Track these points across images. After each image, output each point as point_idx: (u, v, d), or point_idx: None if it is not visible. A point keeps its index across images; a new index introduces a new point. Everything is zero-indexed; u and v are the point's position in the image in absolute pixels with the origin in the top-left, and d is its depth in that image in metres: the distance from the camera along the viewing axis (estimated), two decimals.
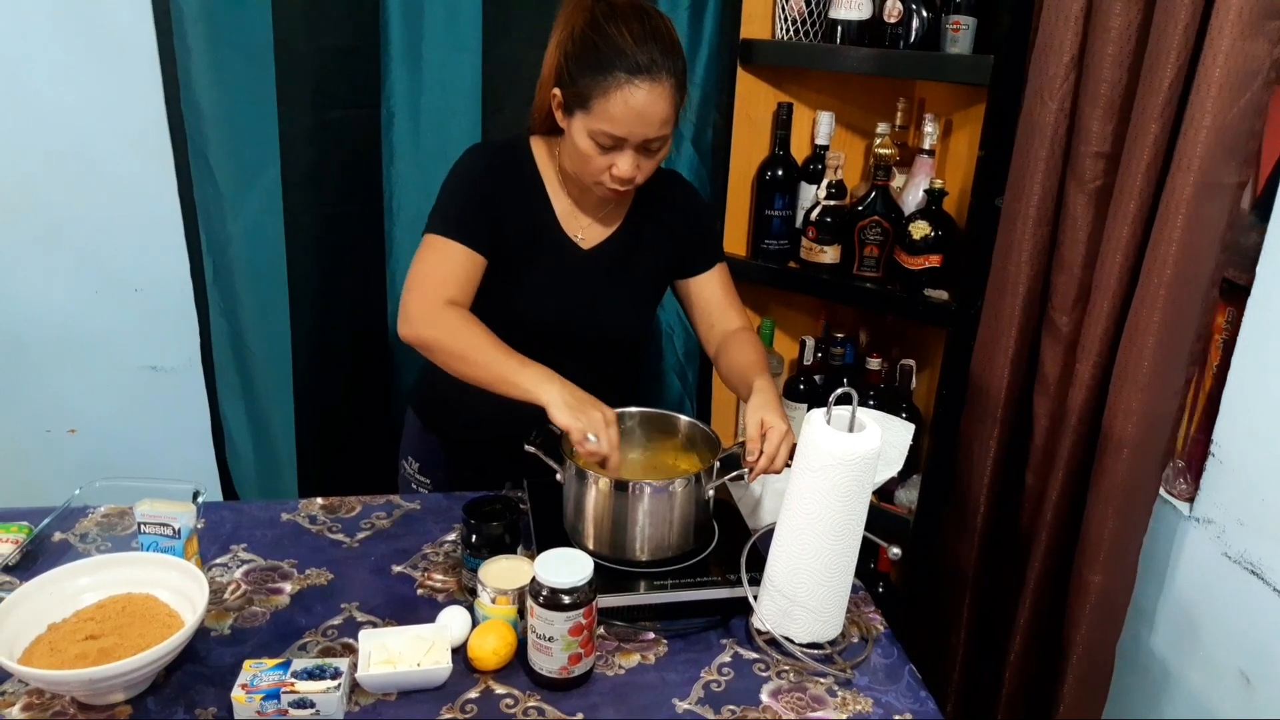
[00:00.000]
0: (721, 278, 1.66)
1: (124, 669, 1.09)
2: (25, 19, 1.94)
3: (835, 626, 1.28)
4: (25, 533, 1.43)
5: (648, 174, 1.47)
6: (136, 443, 2.25)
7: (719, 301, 1.65)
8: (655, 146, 1.43)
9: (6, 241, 2.09)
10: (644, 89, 1.36)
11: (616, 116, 1.38)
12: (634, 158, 1.42)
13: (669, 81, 1.38)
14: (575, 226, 1.59)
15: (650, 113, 1.38)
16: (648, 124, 1.39)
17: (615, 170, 1.43)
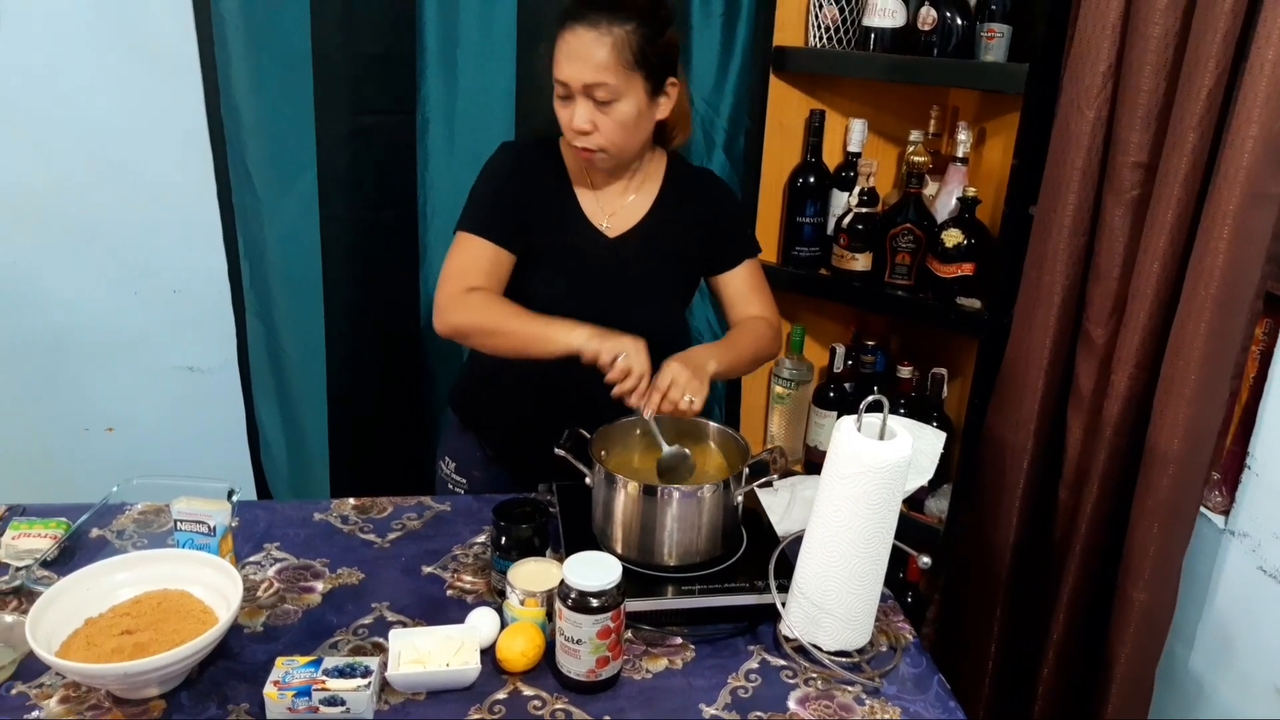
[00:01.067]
0: (749, 272, 1.68)
1: (159, 664, 1.11)
2: (71, 28, 1.98)
3: (864, 635, 1.28)
4: (64, 528, 1.46)
5: (612, 135, 1.50)
6: (173, 442, 2.28)
7: (743, 294, 1.67)
8: (601, 96, 1.47)
9: (50, 243, 2.13)
10: (579, 33, 1.45)
11: (558, 61, 1.48)
12: (586, 109, 1.48)
13: (610, 29, 1.44)
14: (601, 215, 1.62)
15: (584, 55, 1.44)
16: (583, 66, 1.45)
17: (572, 123, 1.49)
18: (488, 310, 1.52)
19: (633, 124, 1.51)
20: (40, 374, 2.24)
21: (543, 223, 1.60)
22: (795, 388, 2.14)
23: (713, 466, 1.48)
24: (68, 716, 1.14)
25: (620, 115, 1.49)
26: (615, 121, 1.49)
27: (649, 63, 1.48)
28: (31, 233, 2.12)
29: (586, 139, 1.50)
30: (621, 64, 1.45)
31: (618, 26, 1.44)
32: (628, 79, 1.46)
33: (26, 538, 1.43)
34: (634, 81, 1.47)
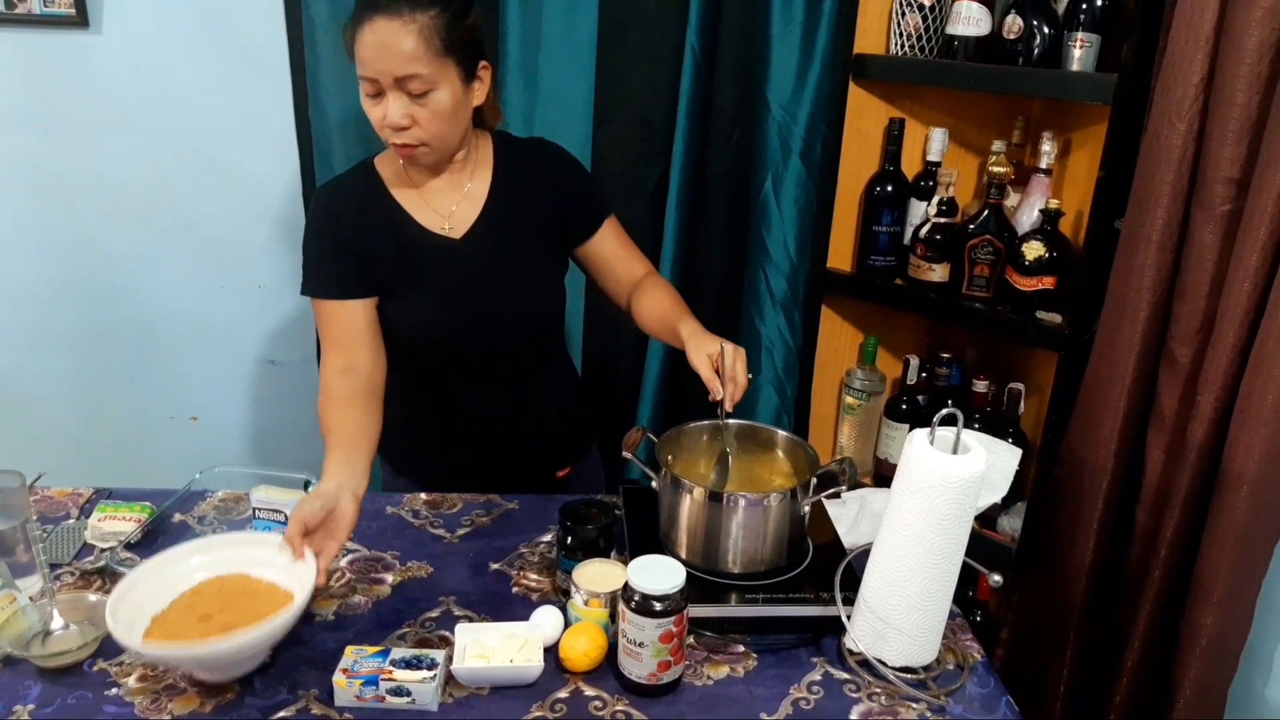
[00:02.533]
0: (613, 232, 1.65)
1: (238, 644, 1.14)
2: (171, 32, 2.06)
3: (930, 651, 1.26)
4: (148, 513, 1.51)
5: (431, 128, 1.43)
6: (253, 432, 2.35)
7: (618, 255, 1.64)
8: (415, 89, 1.39)
9: (143, 237, 2.22)
10: (381, 24, 1.36)
11: (362, 57, 1.39)
12: (400, 102, 1.40)
13: (411, 16, 1.36)
14: (440, 221, 1.55)
15: (389, 45, 1.36)
16: (390, 58, 1.37)
17: (386, 118, 1.41)
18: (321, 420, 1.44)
19: (451, 113, 1.43)
20: (130, 362, 2.33)
21: (384, 253, 1.52)
22: (867, 399, 2.11)
23: (780, 475, 1.47)
24: (145, 694, 1.18)
25: (437, 105, 1.41)
26: (433, 112, 1.42)
27: (458, 48, 1.41)
28: (128, 225, 2.21)
29: (405, 134, 1.42)
30: (431, 51, 1.37)
31: (420, 13, 1.36)
32: (440, 67, 1.39)
33: (112, 520, 1.49)
34: (447, 69, 1.40)
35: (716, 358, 1.37)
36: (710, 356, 1.38)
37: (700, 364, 1.38)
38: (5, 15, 2.02)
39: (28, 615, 1.25)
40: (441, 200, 1.55)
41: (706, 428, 1.47)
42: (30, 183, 2.17)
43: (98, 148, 2.15)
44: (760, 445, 1.48)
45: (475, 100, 1.49)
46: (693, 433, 1.48)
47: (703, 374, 1.37)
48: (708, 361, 1.37)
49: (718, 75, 1.96)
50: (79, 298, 2.27)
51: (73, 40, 2.06)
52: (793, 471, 1.45)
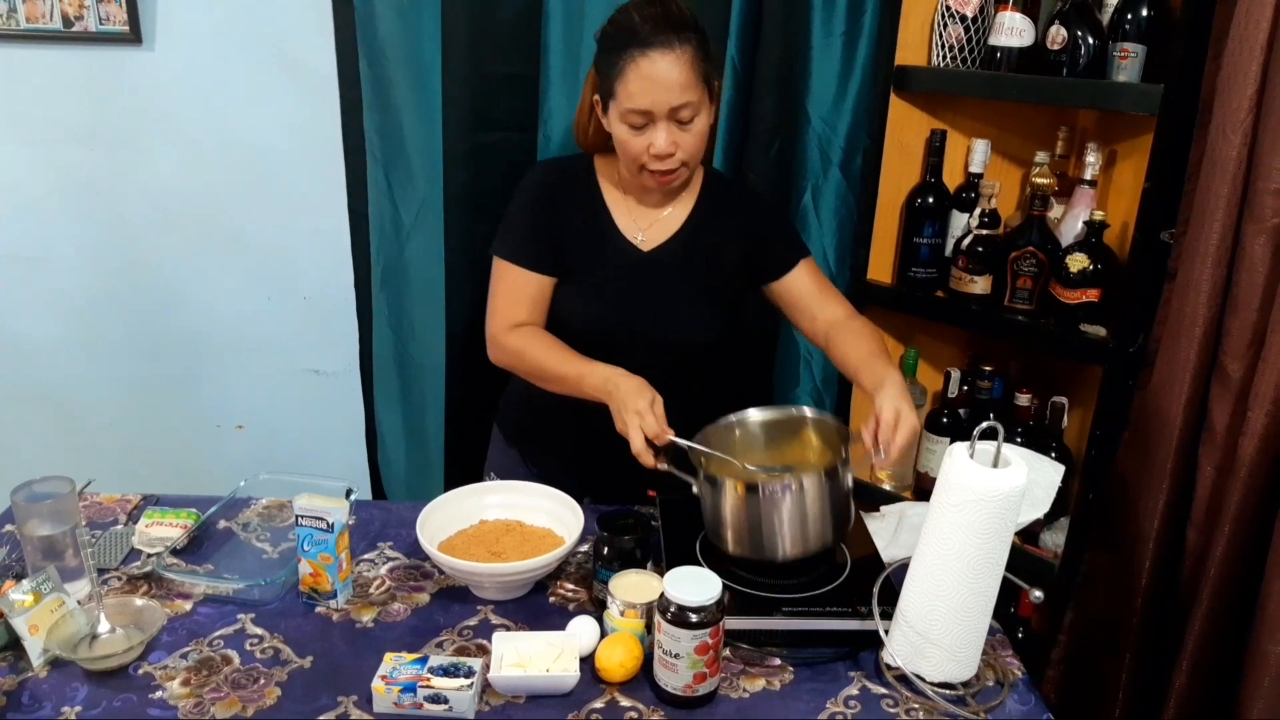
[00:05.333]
0: (809, 271, 1.66)
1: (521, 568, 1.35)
2: (221, 46, 2.11)
3: (970, 668, 1.24)
4: (193, 519, 1.54)
5: (691, 150, 1.50)
6: (297, 440, 2.38)
7: (813, 294, 1.65)
8: (685, 116, 1.47)
9: (192, 247, 2.27)
10: (656, 57, 1.43)
11: (636, 91, 1.44)
12: (667, 131, 1.47)
13: (682, 49, 1.43)
14: (635, 230, 1.62)
15: (667, 79, 1.43)
16: (667, 90, 1.43)
17: (653, 148, 1.48)
18: (525, 355, 1.57)
19: (706, 135, 1.53)
20: (178, 372, 2.38)
21: (577, 241, 1.61)
22: None
23: (813, 454, 1.47)
24: (189, 698, 1.20)
25: (699, 129, 1.50)
26: (694, 136, 1.50)
27: (709, 71, 1.50)
28: (176, 237, 2.26)
29: (668, 160, 1.50)
30: (697, 78, 1.46)
31: (684, 44, 1.44)
32: (701, 93, 1.48)
33: (159, 526, 1.52)
34: (704, 94, 1.49)
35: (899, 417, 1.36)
36: (898, 412, 1.36)
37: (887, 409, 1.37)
38: (63, 33, 2.08)
39: (76, 618, 1.28)
40: (645, 212, 1.63)
41: (734, 423, 1.47)
42: (84, 195, 2.23)
43: (149, 161, 2.20)
44: (788, 431, 1.48)
45: (713, 117, 1.56)
46: (722, 431, 1.47)
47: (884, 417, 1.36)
48: (895, 413, 1.36)
49: (757, 87, 1.96)
50: (129, 308, 2.32)
51: (126, 56, 2.11)
52: (828, 449, 1.45)
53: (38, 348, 2.36)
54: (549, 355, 1.55)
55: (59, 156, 2.19)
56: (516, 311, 1.59)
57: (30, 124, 2.17)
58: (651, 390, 1.43)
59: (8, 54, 2.11)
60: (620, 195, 1.63)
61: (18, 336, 2.35)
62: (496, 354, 1.62)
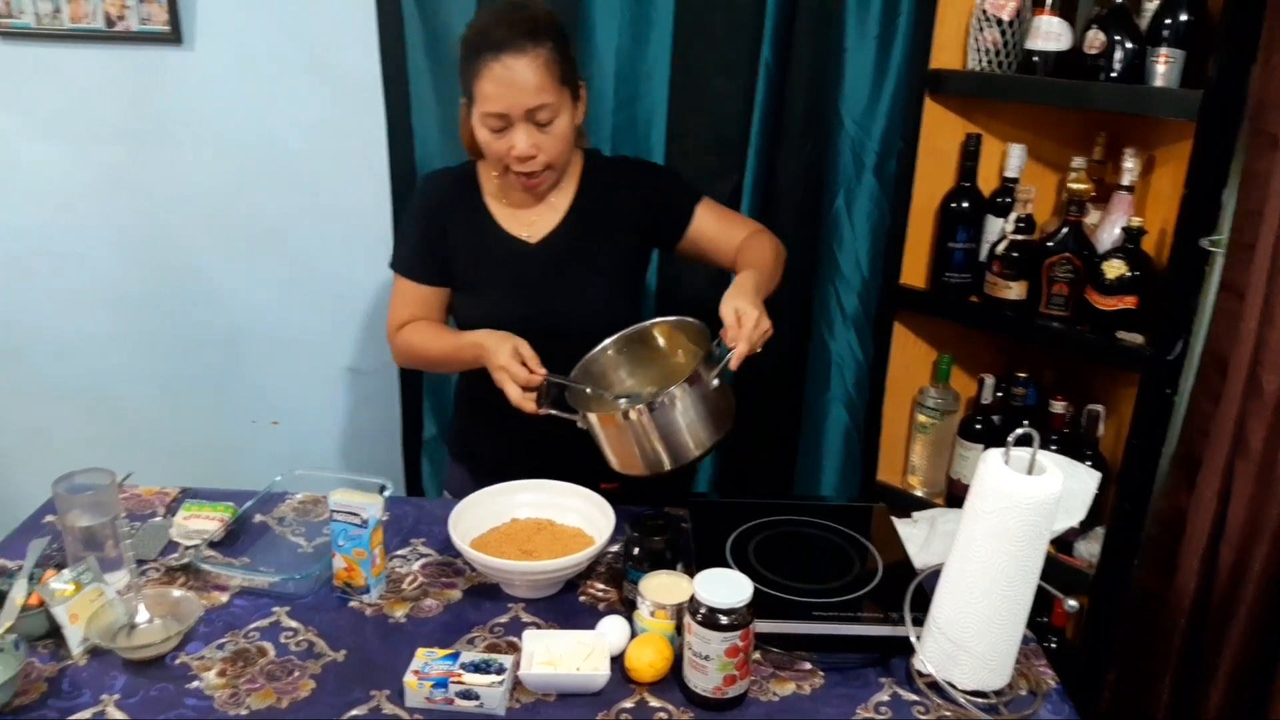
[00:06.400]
0: (708, 211, 1.68)
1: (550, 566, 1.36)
2: (261, 46, 2.13)
3: (1002, 676, 1.23)
4: (230, 512, 1.56)
5: (553, 153, 1.53)
6: (332, 437, 2.41)
7: (719, 231, 1.67)
8: (543, 118, 1.49)
9: (231, 247, 2.30)
10: (509, 61, 1.45)
11: (490, 94, 1.47)
12: (527, 133, 1.49)
13: (535, 52, 1.46)
14: (519, 226, 1.64)
15: (521, 82, 1.45)
16: (520, 93, 1.46)
17: (514, 150, 1.50)
18: (411, 348, 1.66)
19: (569, 137, 1.55)
20: (215, 368, 2.41)
21: (466, 248, 1.64)
22: (940, 417, 2.08)
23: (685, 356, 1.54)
24: (225, 689, 1.22)
25: (560, 130, 1.52)
26: (555, 138, 1.52)
27: (570, 74, 1.52)
28: (214, 235, 2.29)
29: (531, 163, 1.52)
30: (554, 81, 1.48)
31: (539, 47, 1.46)
32: (559, 95, 1.49)
33: (196, 519, 1.54)
34: (564, 96, 1.51)
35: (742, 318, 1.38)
36: (737, 311, 1.39)
37: (726, 310, 1.40)
38: (106, 33, 2.11)
39: (115, 608, 1.30)
40: (527, 210, 1.65)
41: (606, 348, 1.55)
42: (124, 193, 2.26)
43: (188, 160, 2.23)
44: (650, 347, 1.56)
45: (578, 120, 1.58)
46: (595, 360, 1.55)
47: (725, 320, 1.40)
48: (734, 313, 1.39)
49: (790, 89, 1.96)
50: (168, 305, 2.36)
51: (167, 56, 2.14)
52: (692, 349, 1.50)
53: (79, 343, 2.40)
54: (429, 340, 1.64)
55: (100, 155, 2.23)
56: (404, 315, 1.67)
57: (72, 122, 2.21)
58: (512, 339, 1.48)
59: (51, 53, 2.15)
60: (501, 197, 1.65)
61: (60, 332, 2.39)
62: (394, 355, 1.72)
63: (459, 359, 1.59)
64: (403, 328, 1.68)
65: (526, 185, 1.57)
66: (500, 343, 1.48)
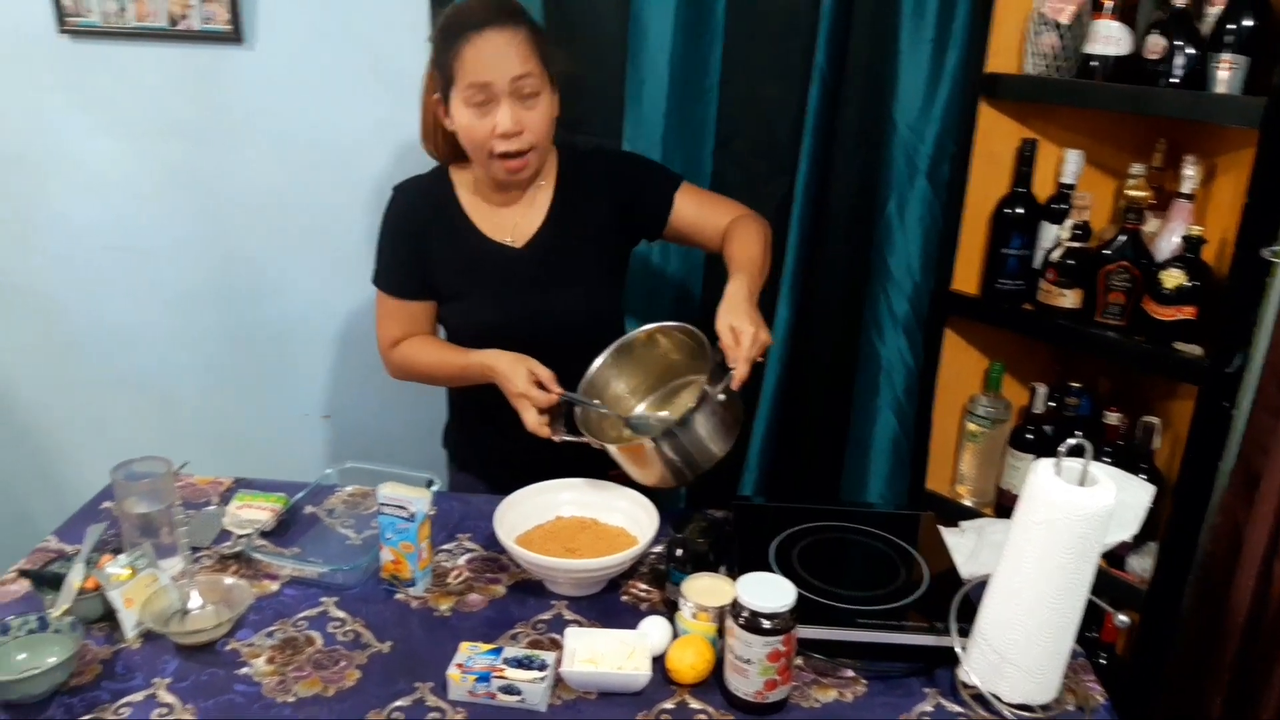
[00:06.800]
0: (687, 196, 1.66)
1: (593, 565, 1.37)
2: (318, 46, 2.17)
3: (1049, 690, 1.22)
4: (282, 503, 1.59)
5: (538, 132, 1.51)
6: (381, 431, 2.44)
7: (701, 216, 1.66)
8: (527, 89, 1.48)
9: (284, 242, 2.34)
10: (490, 35, 1.46)
11: (473, 66, 1.46)
12: (510, 108, 1.48)
13: (516, 29, 1.47)
14: (502, 231, 1.63)
15: (505, 51, 1.46)
16: (506, 62, 1.46)
17: (499, 127, 1.48)
18: (412, 366, 1.68)
19: (550, 119, 1.54)
20: (270, 362, 2.45)
21: (447, 258, 1.63)
22: (990, 426, 2.05)
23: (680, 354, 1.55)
24: (273, 676, 1.24)
25: (543, 110, 1.52)
26: (539, 116, 1.51)
27: (548, 60, 1.52)
28: (272, 233, 2.33)
29: (516, 140, 1.50)
30: (534, 56, 1.48)
31: (520, 28, 1.48)
32: (541, 73, 1.50)
33: (249, 509, 1.56)
34: (545, 76, 1.51)
35: (739, 336, 1.38)
36: (733, 330, 1.39)
37: (722, 329, 1.40)
38: (169, 31, 2.16)
39: (168, 594, 1.33)
40: (507, 211, 1.64)
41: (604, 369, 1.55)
42: (185, 190, 2.31)
43: (245, 157, 2.27)
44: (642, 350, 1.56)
45: (555, 111, 1.57)
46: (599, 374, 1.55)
47: (722, 339, 1.40)
48: (730, 333, 1.39)
49: (844, 93, 1.95)
50: (225, 299, 2.40)
51: (227, 55, 2.18)
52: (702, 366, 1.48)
53: (139, 335, 2.45)
54: (432, 359, 1.65)
55: (162, 151, 2.28)
56: (395, 332, 1.68)
57: (136, 119, 2.26)
58: (525, 361, 1.49)
59: (117, 51, 2.20)
60: (479, 200, 1.64)
61: (121, 324, 2.45)
62: (390, 370, 1.72)
63: (465, 378, 1.59)
64: (397, 344, 1.68)
65: (509, 169, 1.54)
66: (513, 366, 1.49)
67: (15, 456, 2.62)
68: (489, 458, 1.78)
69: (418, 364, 1.67)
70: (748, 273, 1.49)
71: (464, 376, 1.59)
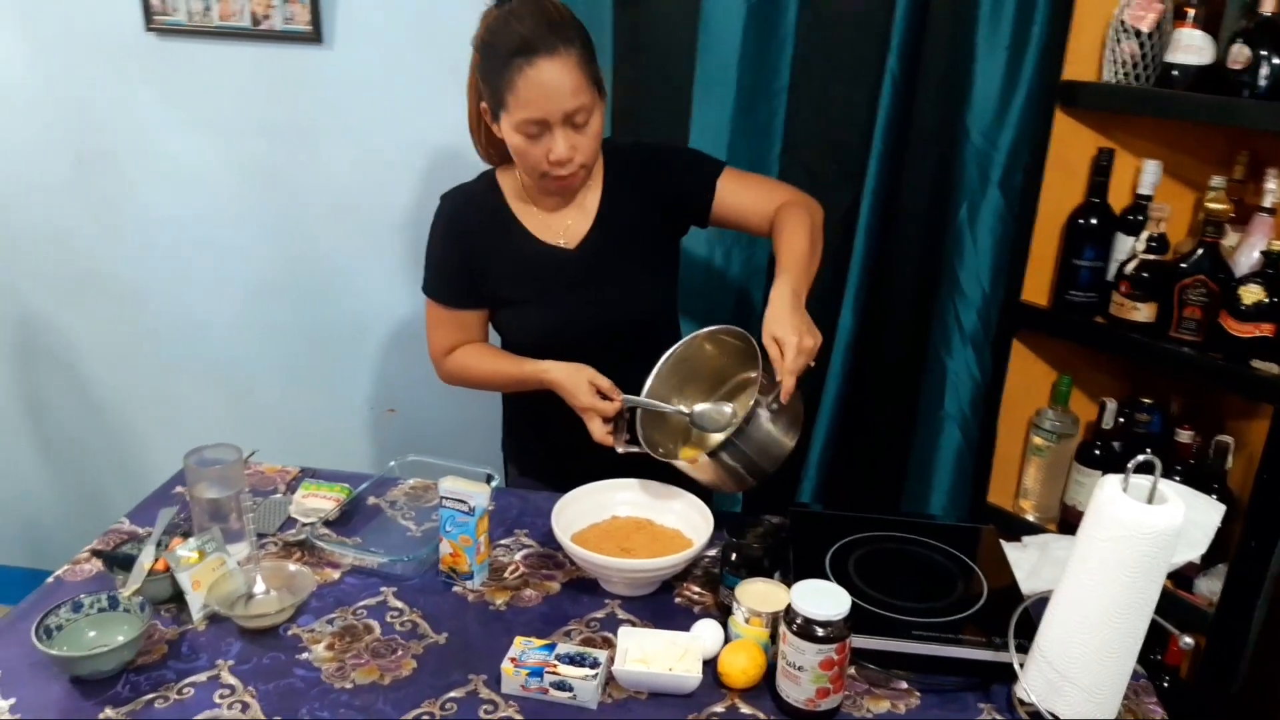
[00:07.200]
0: (732, 183, 1.63)
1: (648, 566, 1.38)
2: (396, 47, 2.21)
3: (1109, 710, 1.19)
4: (345, 493, 1.62)
5: (588, 152, 1.49)
6: (443, 426, 2.47)
7: (745, 201, 1.62)
8: (580, 119, 1.45)
9: (357, 240, 2.39)
10: (543, 65, 1.41)
11: (528, 100, 1.43)
12: (564, 136, 1.46)
13: (567, 51, 1.42)
14: (554, 234, 1.62)
15: (559, 85, 1.42)
16: (560, 96, 1.42)
17: (552, 155, 1.47)
18: (468, 375, 1.68)
19: (599, 134, 1.52)
20: (339, 356, 2.51)
21: (502, 264, 1.62)
22: (1057, 441, 2.01)
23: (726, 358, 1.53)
24: (332, 662, 1.27)
25: (594, 131, 1.50)
26: (590, 138, 1.49)
27: (596, 72, 1.49)
28: (345, 228, 2.39)
29: (568, 165, 1.49)
30: (586, 81, 1.45)
31: (570, 46, 1.43)
32: (592, 94, 1.48)
33: (314, 498, 1.60)
34: (594, 93, 1.48)
35: (783, 347, 1.35)
36: (777, 341, 1.36)
37: (767, 342, 1.38)
38: (252, 31, 2.22)
39: (235, 578, 1.37)
40: (557, 215, 1.64)
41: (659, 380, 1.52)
42: (265, 186, 2.38)
43: (322, 155, 2.33)
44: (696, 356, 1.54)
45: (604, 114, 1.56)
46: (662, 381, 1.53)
47: (770, 354, 1.37)
48: (774, 345, 1.37)
49: (916, 100, 1.93)
50: (298, 294, 2.46)
51: (307, 55, 2.24)
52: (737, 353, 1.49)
53: (216, 326, 2.53)
54: (489, 369, 1.65)
55: (243, 149, 2.35)
56: (447, 341, 1.68)
57: (218, 117, 2.33)
58: (585, 371, 1.50)
59: (201, 49, 2.27)
60: (528, 204, 1.63)
61: (200, 316, 2.52)
62: (444, 377, 1.72)
63: (524, 387, 1.60)
64: (450, 353, 1.68)
65: (561, 187, 1.55)
66: (574, 378, 1.50)
67: (92, 439, 2.72)
68: (544, 467, 1.79)
69: (473, 374, 1.67)
70: (792, 272, 1.45)
71: (523, 387, 1.60)
